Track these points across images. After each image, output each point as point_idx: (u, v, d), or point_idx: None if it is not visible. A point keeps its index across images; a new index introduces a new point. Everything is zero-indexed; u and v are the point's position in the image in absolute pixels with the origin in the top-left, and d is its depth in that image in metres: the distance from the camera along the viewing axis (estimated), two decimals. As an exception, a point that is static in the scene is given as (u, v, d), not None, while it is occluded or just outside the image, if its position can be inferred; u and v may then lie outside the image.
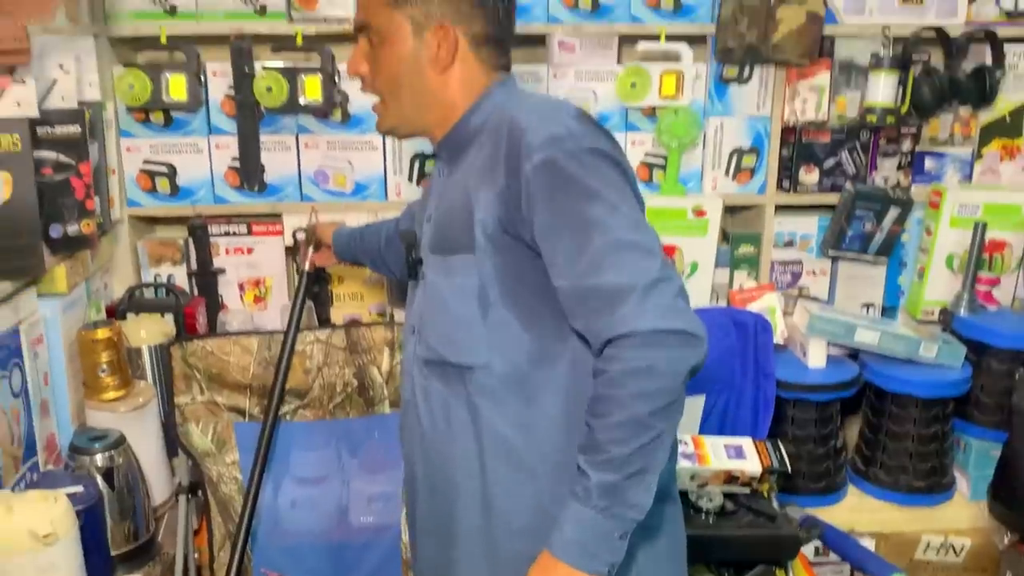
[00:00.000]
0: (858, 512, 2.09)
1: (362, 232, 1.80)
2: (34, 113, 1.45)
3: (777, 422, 2.06)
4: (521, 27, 2.04)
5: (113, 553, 1.55)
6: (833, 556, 2.06)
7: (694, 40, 2.11)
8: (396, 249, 1.70)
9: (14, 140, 1.42)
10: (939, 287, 2.26)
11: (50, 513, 1.27)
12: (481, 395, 1.25)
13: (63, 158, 1.59)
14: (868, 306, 2.33)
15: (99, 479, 1.54)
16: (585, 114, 1.22)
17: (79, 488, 1.43)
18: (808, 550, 2.00)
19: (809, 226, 2.29)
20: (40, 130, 1.53)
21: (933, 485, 2.10)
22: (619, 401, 1.07)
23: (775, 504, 1.79)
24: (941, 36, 2.15)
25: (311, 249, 1.83)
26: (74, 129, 1.59)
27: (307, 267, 1.82)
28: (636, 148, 2.17)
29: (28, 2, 1.30)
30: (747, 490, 1.79)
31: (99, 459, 1.56)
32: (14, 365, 1.49)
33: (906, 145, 2.25)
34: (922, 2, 2.14)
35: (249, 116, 2.03)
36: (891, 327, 2.14)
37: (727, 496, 1.77)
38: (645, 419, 1.07)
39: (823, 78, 2.17)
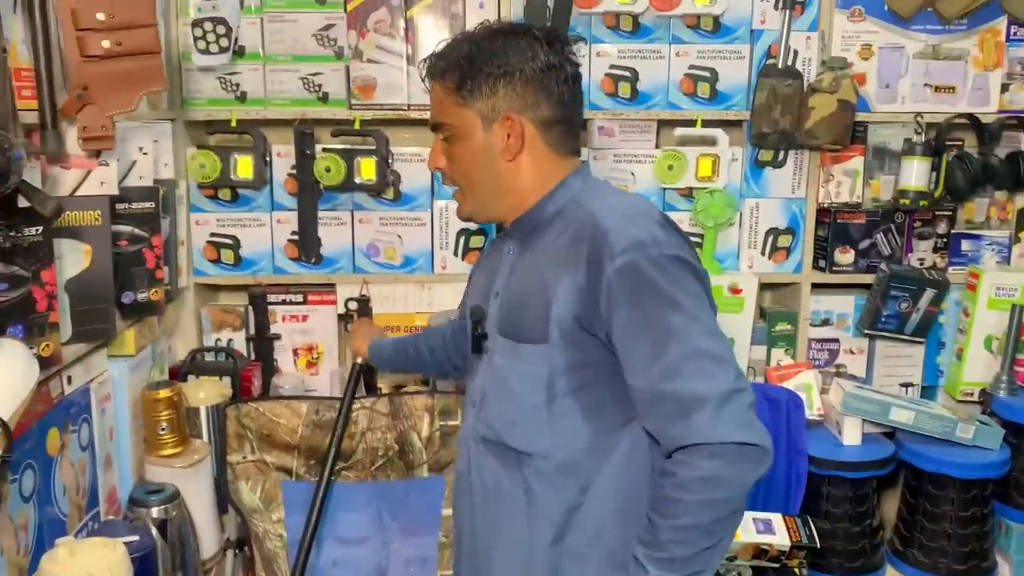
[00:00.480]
0: (896, 594, 2.08)
1: (415, 346, 1.81)
2: (114, 191, 1.61)
3: (813, 499, 2.08)
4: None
5: (164, 602, 1.65)
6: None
7: (730, 125, 2.21)
8: (458, 346, 1.72)
9: (96, 215, 1.57)
10: (978, 368, 2.27)
11: (108, 559, 1.37)
12: (537, 479, 1.29)
13: (137, 231, 1.74)
14: (907, 386, 2.34)
15: (154, 531, 1.64)
16: (668, 219, 1.27)
17: (135, 538, 1.53)
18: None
19: (846, 305, 2.33)
20: (119, 206, 1.68)
21: (974, 568, 2.08)
22: (686, 506, 1.12)
23: (805, 581, 1.80)
24: (974, 123, 2.21)
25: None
26: (149, 205, 1.75)
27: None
28: (673, 227, 2.26)
29: (115, 96, 1.46)
30: (776, 565, 1.80)
31: (155, 512, 1.66)
32: (83, 421, 1.61)
33: (941, 227, 2.29)
34: (954, 91, 2.21)
35: (309, 194, 2.18)
36: (927, 407, 2.15)
37: (756, 571, 1.79)
38: (709, 526, 1.12)
39: (857, 162, 2.24)
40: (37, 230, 1.37)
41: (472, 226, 2.21)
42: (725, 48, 2.17)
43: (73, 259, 1.54)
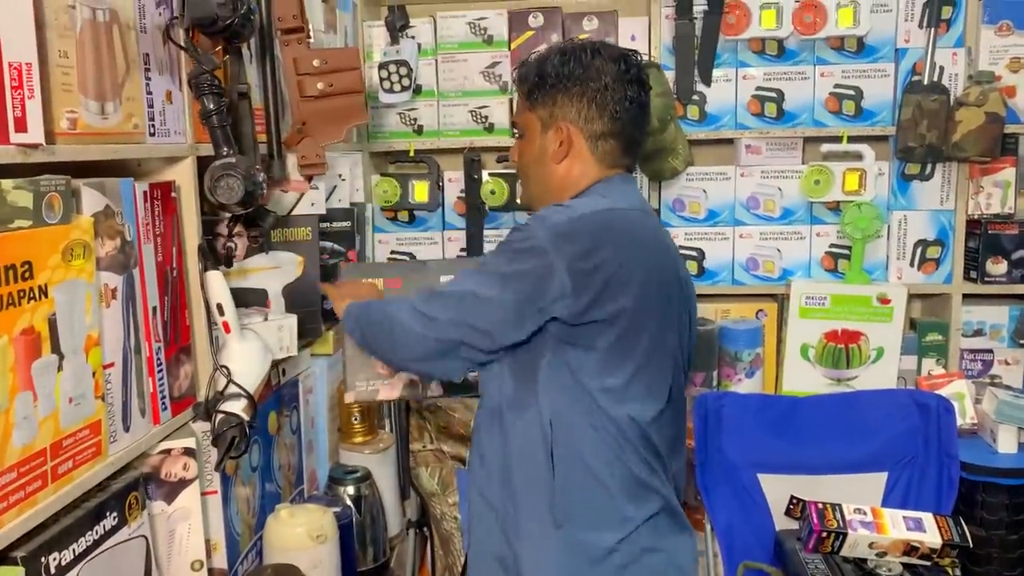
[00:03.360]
0: (1057, 605, 2.06)
1: None
2: (323, 211, 1.88)
3: (968, 506, 2.09)
4: (712, 133, 2.32)
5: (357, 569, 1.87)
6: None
7: (875, 140, 2.28)
8: None
9: (307, 232, 1.84)
10: None
11: (322, 520, 1.61)
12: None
13: (336, 246, 2.01)
14: (1067, 397, 2.32)
15: (351, 505, 1.88)
16: (587, 221, 1.44)
17: (338, 508, 1.77)
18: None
19: (1000, 316, 2.33)
20: (322, 224, 1.95)
21: None
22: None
23: (958, 580, 1.83)
24: None
25: None
26: (346, 224, 2.02)
27: None
28: (820, 239, 2.34)
29: (327, 129, 1.72)
30: (928, 563, 1.85)
31: (350, 489, 1.89)
32: (293, 408, 1.88)
33: (1101, 237, 2.27)
34: (1110, 100, 2.21)
35: (476, 214, 2.41)
36: (1089, 417, 2.13)
37: (907, 567, 1.84)
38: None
39: (1008, 173, 2.26)
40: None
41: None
42: (869, 67, 2.25)
43: (289, 268, 1.82)
